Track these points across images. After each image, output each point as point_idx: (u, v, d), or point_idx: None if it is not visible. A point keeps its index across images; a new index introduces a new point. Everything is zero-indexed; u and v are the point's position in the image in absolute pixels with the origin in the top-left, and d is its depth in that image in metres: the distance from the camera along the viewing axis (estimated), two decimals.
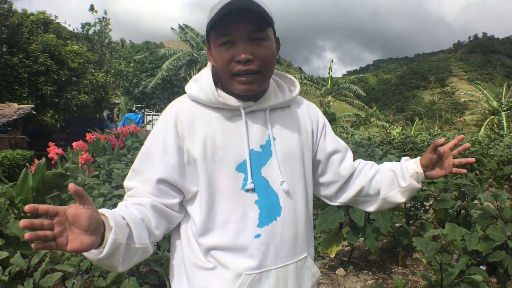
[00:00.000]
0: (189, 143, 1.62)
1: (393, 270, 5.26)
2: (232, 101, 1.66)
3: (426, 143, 12.04)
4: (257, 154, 1.66)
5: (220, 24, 1.55)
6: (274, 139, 1.70)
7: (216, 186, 1.61)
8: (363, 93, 38.45)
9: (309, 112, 1.89)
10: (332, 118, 30.98)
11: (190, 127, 1.64)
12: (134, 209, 1.53)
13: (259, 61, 1.58)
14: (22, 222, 1.11)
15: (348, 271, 5.23)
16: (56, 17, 26.44)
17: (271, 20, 1.60)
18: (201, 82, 1.70)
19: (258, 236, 1.60)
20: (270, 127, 1.70)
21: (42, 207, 1.15)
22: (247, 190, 1.61)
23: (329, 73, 38.03)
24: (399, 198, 1.86)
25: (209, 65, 1.77)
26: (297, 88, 1.85)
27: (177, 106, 1.71)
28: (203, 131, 1.63)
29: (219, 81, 1.73)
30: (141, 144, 9.08)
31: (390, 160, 6.25)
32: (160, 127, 1.67)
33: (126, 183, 1.68)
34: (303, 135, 1.80)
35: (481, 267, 3.27)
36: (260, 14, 1.55)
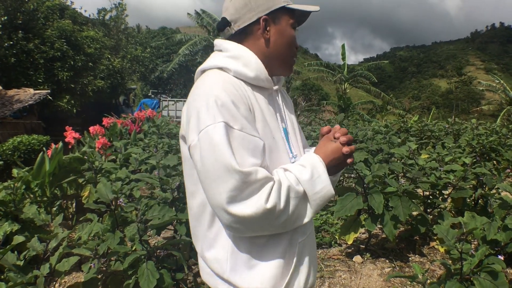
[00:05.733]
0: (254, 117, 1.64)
1: (410, 258, 5.23)
2: (271, 80, 1.76)
3: (443, 132, 11.92)
4: (285, 131, 1.78)
5: (303, 11, 1.79)
6: (286, 116, 1.87)
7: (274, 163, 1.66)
8: (375, 79, 38.05)
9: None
10: (347, 105, 30.84)
11: (249, 103, 1.63)
12: None
13: None
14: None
15: (365, 258, 5.20)
16: (72, 2, 26.60)
17: None
18: (245, 60, 1.68)
19: None
20: (284, 106, 1.87)
21: None
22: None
23: (343, 59, 37.48)
24: None
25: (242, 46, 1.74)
26: None
27: (231, 82, 1.62)
28: (256, 108, 1.65)
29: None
30: (158, 129, 9.14)
31: (410, 148, 6.20)
32: (221, 102, 1.51)
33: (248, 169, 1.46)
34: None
35: (499, 257, 3.22)
36: None
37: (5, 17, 19.98)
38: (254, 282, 1.60)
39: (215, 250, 1.66)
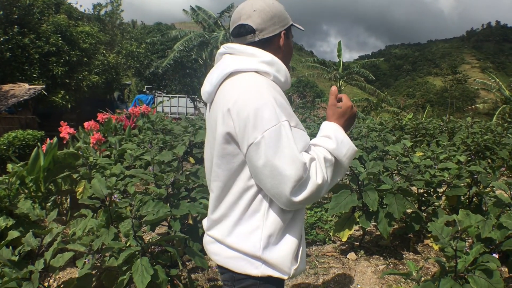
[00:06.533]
0: None
1: (404, 255, 5.24)
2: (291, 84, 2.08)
3: (438, 130, 11.91)
4: None
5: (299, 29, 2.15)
6: None
7: None
8: (373, 77, 38.09)
9: None
10: None
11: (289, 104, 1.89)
12: None
13: None
14: None
15: (359, 255, 5.21)
16: None
17: None
18: (278, 67, 1.93)
19: None
20: None
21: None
22: None
23: (338, 56, 37.38)
24: None
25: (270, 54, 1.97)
26: None
27: (274, 85, 1.88)
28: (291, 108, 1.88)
29: None
30: (152, 125, 9.11)
31: (404, 145, 6.20)
32: (279, 103, 1.76)
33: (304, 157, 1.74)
34: None
35: (494, 255, 3.23)
36: None
37: (1, 12, 19.91)
38: (283, 255, 1.83)
39: (247, 232, 1.84)
